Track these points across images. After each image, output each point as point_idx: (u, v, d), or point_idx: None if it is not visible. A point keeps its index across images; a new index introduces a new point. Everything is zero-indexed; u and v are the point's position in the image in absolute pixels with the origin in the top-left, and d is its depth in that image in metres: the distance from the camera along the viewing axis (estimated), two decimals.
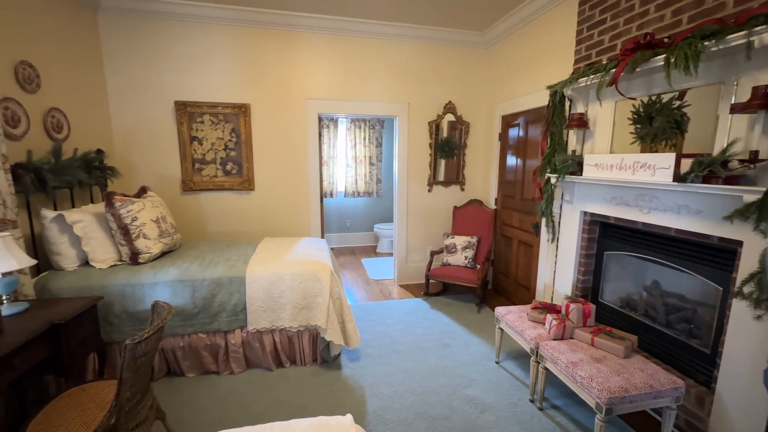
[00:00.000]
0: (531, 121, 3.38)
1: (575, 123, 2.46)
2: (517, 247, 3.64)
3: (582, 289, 2.65)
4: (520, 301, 3.60)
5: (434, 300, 3.78)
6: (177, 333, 2.32)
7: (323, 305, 2.42)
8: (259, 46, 3.50)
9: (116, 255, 2.43)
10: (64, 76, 2.70)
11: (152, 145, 3.43)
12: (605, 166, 2.17)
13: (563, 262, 2.77)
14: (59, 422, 1.49)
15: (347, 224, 6.16)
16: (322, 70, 3.69)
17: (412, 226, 4.22)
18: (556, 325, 2.10)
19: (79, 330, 1.90)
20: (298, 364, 2.55)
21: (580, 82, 2.33)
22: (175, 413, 2.07)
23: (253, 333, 2.41)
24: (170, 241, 2.68)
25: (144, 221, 2.47)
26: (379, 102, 3.88)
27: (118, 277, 2.25)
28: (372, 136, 5.88)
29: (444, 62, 3.96)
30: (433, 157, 4.11)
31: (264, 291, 2.39)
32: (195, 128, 3.49)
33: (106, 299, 2.19)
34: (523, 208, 3.51)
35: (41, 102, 2.46)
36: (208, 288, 2.33)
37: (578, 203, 2.59)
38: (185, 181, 3.53)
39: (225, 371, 2.44)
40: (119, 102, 3.30)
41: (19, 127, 2.26)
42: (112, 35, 3.20)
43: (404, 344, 2.87)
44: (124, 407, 1.50)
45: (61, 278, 2.19)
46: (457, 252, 3.84)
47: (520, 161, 3.58)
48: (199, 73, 3.41)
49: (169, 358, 2.37)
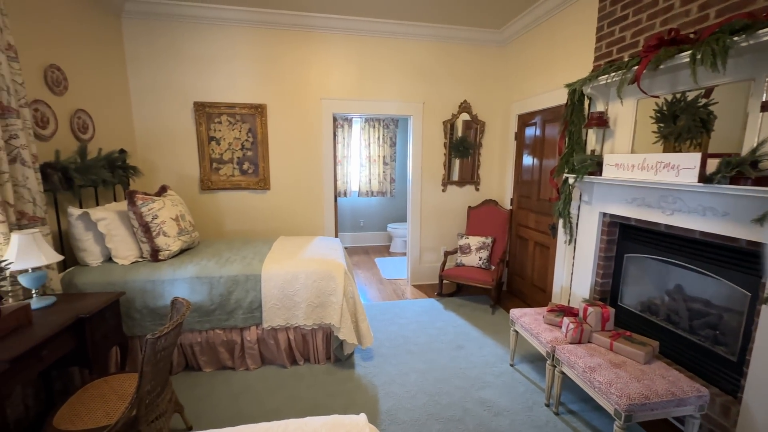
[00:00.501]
0: (548, 120, 3.32)
1: (595, 122, 2.40)
2: (533, 249, 3.58)
3: (600, 292, 2.59)
4: (536, 303, 3.54)
5: (448, 301, 3.75)
6: (195, 329, 2.37)
7: (337, 304, 2.44)
8: (276, 47, 3.55)
9: (138, 252, 2.51)
10: (89, 79, 2.80)
11: (172, 145, 3.52)
12: (626, 166, 2.11)
13: (581, 264, 2.71)
14: (84, 412, 1.55)
15: (361, 224, 6.18)
16: (337, 70, 3.71)
17: (425, 226, 4.20)
18: (573, 328, 2.05)
19: (102, 324, 1.97)
20: (312, 362, 2.58)
21: (600, 80, 2.27)
22: (193, 407, 2.12)
23: (268, 330, 2.45)
24: (189, 239, 2.74)
25: (164, 219, 2.54)
26: (394, 101, 3.88)
27: (139, 274, 2.31)
28: (386, 136, 5.88)
29: (459, 61, 3.93)
30: (447, 156, 4.08)
31: (279, 289, 2.42)
32: (213, 128, 3.56)
33: (128, 295, 2.26)
34: (540, 208, 3.45)
35: (68, 104, 2.56)
36: (225, 285, 2.37)
37: (597, 204, 2.52)
38: (203, 180, 3.61)
39: (241, 367, 2.49)
40: (141, 103, 3.40)
41: (48, 128, 2.35)
42: (135, 38, 3.29)
43: (417, 344, 2.86)
44: (144, 400, 1.54)
45: (86, 274, 2.27)
46: (471, 253, 3.81)
47: (536, 161, 3.51)
48: (217, 75, 3.48)
49: (187, 353, 2.43)
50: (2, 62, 1.87)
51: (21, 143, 1.96)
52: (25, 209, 2.00)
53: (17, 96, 1.96)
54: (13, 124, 1.93)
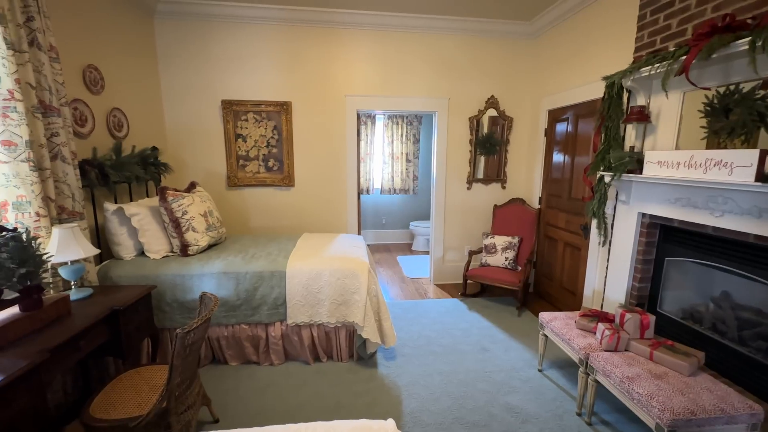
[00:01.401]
0: (581, 116, 3.17)
1: (635, 117, 2.26)
2: (563, 250, 3.44)
3: (637, 297, 2.45)
4: (565, 306, 3.41)
5: (472, 301, 3.67)
6: (221, 323, 2.41)
7: (360, 302, 2.42)
8: (301, 44, 3.56)
9: (168, 246, 2.57)
10: (124, 78, 2.89)
11: (201, 142, 3.60)
12: (670, 164, 1.97)
13: (616, 267, 2.57)
14: (117, 401, 1.60)
15: (383, 221, 6.16)
16: (361, 66, 3.68)
17: (449, 224, 4.12)
18: (609, 335, 1.95)
19: (135, 316, 2.03)
20: (335, 360, 2.57)
21: (642, 72, 2.13)
22: (219, 400, 2.16)
23: (293, 327, 2.46)
24: (216, 235, 2.80)
25: (193, 215, 2.59)
26: (418, 98, 3.81)
27: (169, 268, 2.37)
28: (409, 133, 5.81)
29: (486, 55, 3.81)
30: (472, 153, 3.98)
31: (303, 286, 2.42)
32: (240, 126, 3.62)
33: (159, 288, 2.33)
34: (571, 208, 3.31)
35: (104, 102, 2.65)
36: (251, 281, 2.40)
37: (636, 204, 2.38)
38: (230, 176, 3.68)
39: (265, 362, 2.52)
40: (172, 102, 3.49)
41: (86, 126, 2.44)
42: (166, 38, 3.38)
43: (441, 345, 2.81)
44: (174, 392, 1.57)
45: (120, 267, 2.36)
46: (497, 252, 3.70)
47: (567, 158, 3.36)
48: (244, 73, 3.53)
49: (214, 347, 2.48)
50: (45, 63, 1.95)
51: (61, 141, 2.04)
52: (65, 204, 2.09)
53: (58, 95, 2.04)
54: (55, 123, 2.01)
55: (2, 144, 1.74)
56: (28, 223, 1.84)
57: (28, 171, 1.82)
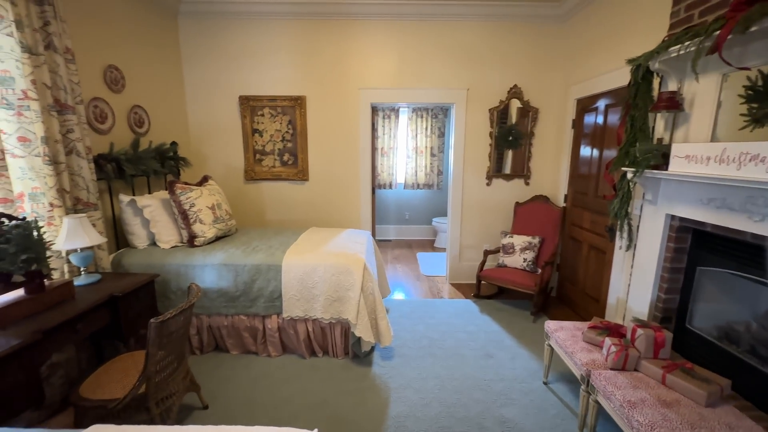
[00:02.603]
0: (613, 105, 2.85)
1: (664, 104, 1.97)
2: (587, 252, 3.15)
3: (663, 309, 2.16)
4: (587, 314, 3.12)
5: (485, 303, 3.48)
6: (222, 312, 2.49)
7: (354, 300, 2.38)
8: (315, 37, 3.54)
9: (178, 237, 2.70)
10: (146, 77, 3.06)
11: (220, 137, 3.74)
12: (699, 159, 1.69)
13: (640, 274, 2.29)
14: (106, 382, 1.69)
15: (406, 216, 6.06)
16: (375, 58, 3.59)
17: (467, 221, 3.94)
18: (615, 351, 1.73)
19: (136, 303, 2.14)
20: (330, 355, 2.56)
21: (670, 52, 1.84)
22: (213, 387, 2.23)
23: (288, 320, 2.48)
24: (224, 227, 2.89)
25: (200, 208, 2.69)
26: (435, 89, 3.65)
27: (175, 258, 2.49)
28: (434, 126, 5.63)
29: (509, 42, 3.55)
30: (493, 147, 3.76)
31: (298, 280, 2.43)
32: (256, 121, 3.70)
33: (165, 277, 2.45)
34: (597, 207, 3.00)
35: (125, 100, 2.82)
36: (249, 273, 2.45)
37: (663, 204, 2.09)
38: (247, 170, 3.78)
39: (263, 353, 2.57)
40: (194, 98, 3.65)
41: (106, 122, 2.62)
42: (189, 37, 3.53)
43: (442, 348, 2.69)
44: (153, 378, 1.64)
45: (133, 255, 2.51)
46: (515, 253, 3.48)
47: (596, 152, 3.05)
48: (260, 68, 3.59)
49: (216, 335, 2.58)
50: (60, 64, 2.10)
51: (76, 137, 2.19)
52: (80, 195, 2.25)
53: (73, 94, 2.19)
54: (70, 120, 2.16)
55: (18, 140, 1.90)
56: (42, 213, 2.01)
57: (41, 165, 1.97)
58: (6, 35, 1.82)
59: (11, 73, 1.85)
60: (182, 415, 1.99)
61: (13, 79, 1.86)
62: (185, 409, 2.04)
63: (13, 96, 1.86)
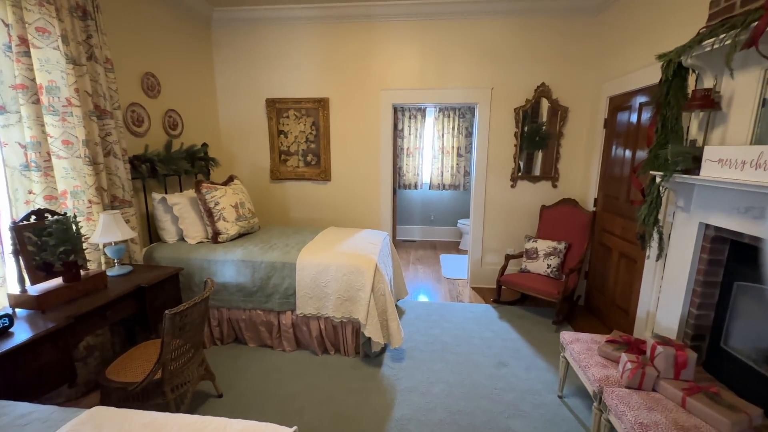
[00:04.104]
0: (648, 103, 2.65)
1: (698, 103, 1.81)
2: (618, 261, 2.95)
3: (694, 326, 1.98)
4: (616, 326, 2.93)
5: (505, 309, 3.38)
6: (240, 306, 2.62)
7: (364, 300, 2.40)
8: (338, 40, 3.60)
9: (204, 233, 2.86)
10: (180, 82, 3.27)
11: (248, 138, 3.91)
12: (733, 163, 1.54)
13: (670, 287, 2.11)
14: (130, 366, 1.84)
15: (431, 217, 6.00)
16: (397, 59, 3.59)
17: (490, 224, 3.83)
18: (631, 369, 1.62)
19: (161, 293, 2.31)
20: (342, 353, 2.61)
21: (704, 46, 1.68)
22: (229, 377, 2.35)
23: (301, 317, 2.55)
24: (247, 225, 3.02)
25: (224, 206, 2.84)
26: (458, 89, 3.59)
27: (199, 253, 2.64)
28: (461, 126, 5.53)
29: (537, 38, 3.40)
30: (518, 148, 3.62)
31: (311, 279, 2.49)
32: (282, 122, 3.84)
33: (189, 270, 2.61)
34: (629, 212, 2.81)
35: (161, 105, 3.03)
36: (265, 270, 2.55)
37: (697, 212, 1.92)
38: (273, 170, 3.93)
39: (278, 348, 2.66)
40: (225, 101, 3.84)
41: (142, 126, 2.83)
42: (221, 43, 3.72)
43: (455, 353, 2.65)
44: (168, 366, 1.75)
45: (163, 249, 2.70)
46: (538, 258, 3.34)
47: (629, 154, 2.85)
48: (285, 72, 3.71)
49: (235, 327, 2.71)
50: (101, 73, 2.30)
51: (113, 139, 2.39)
52: (116, 194, 2.46)
53: (112, 101, 2.39)
54: (108, 124, 2.37)
55: (62, 143, 2.11)
56: (82, 209, 2.21)
57: (82, 165, 2.17)
58: (53, 48, 2.02)
59: (57, 83, 2.05)
60: (198, 402, 2.12)
61: (58, 89, 2.06)
62: (201, 396, 2.17)
63: (58, 103, 2.07)
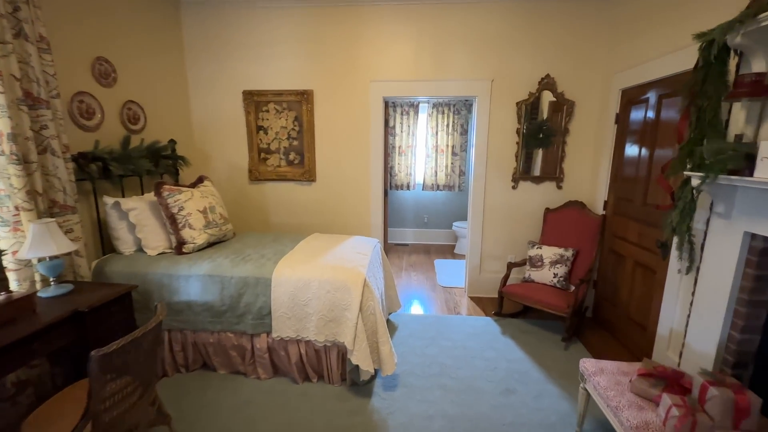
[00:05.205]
0: (667, 95, 2.37)
1: (746, 90, 1.52)
2: (632, 270, 2.67)
3: (737, 353, 1.70)
4: (631, 342, 2.65)
5: (508, 323, 3.07)
6: (207, 329, 2.25)
7: (351, 321, 2.06)
8: (322, 27, 3.25)
9: (167, 243, 2.49)
10: (143, 70, 2.87)
11: (224, 135, 3.53)
12: None
13: (705, 306, 1.83)
14: (56, 416, 1.47)
15: (425, 220, 5.69)
16: (389, 47, 3.26)
17: (489, 229, 3.53)
18: (678, 416, 1.31)
19: (108, 317, 1.93)
20: (325, 381, 2.27)
21: (760, 20, 1.39)
22: (191, 414, 1.99)
23: (278, 341, 2.20)
24: (218, 232, 2.66)
25: (190, 211, 2.47)
26: (455, 81, 3.27)
27: (159, 266, 2.27)
28: (456, 123, 5.22)
29: (542, 25, 3.11)
30: (520, 145, 3.33)
31: (289, 296, 2.14)
32: (261, 117, 3.47)
33: (147, 287, 2.24)
34: (646, 217, 2.53)
35: (118, 95, 2.64)
36: (236, 287, 2.19)
37: (740, 219, 1.63)
38: (251, 170, 3.56)
39: (252, 375, 2.31)
40: (198, 93, 3.46)
41: (93, 118, 2.44)
42: (193, 27, 3.33)
43: (456, 378, 2.33)
44: (101, 416, 1.39)
45: (117, 262, 2.32)
46: (543, 267, 3.04)
47: (645, 152, 2.57)
48: (265, 61, 3.35)
49: (202, 352, 2.34)
50: (32, 54, 1.91)
51: (51, 134, 2.00)
52: (56, 198, 2.07)
53: (48, 87, 2.00)
54: (43, 115, 1.97)
55: None
56: (6, 218, 1.83)
57: (6, 164, 1.79)
58: None
59: None
60: None
61: None
62: None
63: None
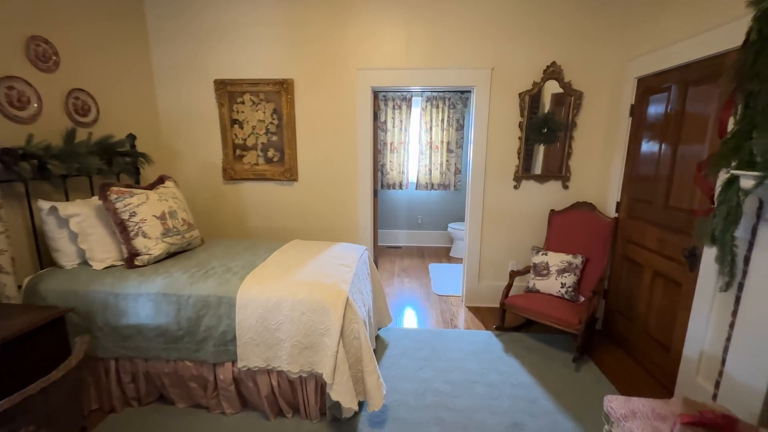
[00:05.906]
0: (693, 82, 2.07)
1: None
2: (651, 281, 2.38)
3: None
4: (651, 363, 2.36)
5: (510, 338, 2.77)
6: (161, 357, 1.91)
7: (330, 349, 1.73)
8: (304, 8, 2.90)
9: (117, 254, 2.14)
10: (93, 54, 2.50)
11: (195, 129, 3.17)
12: None
13: (753, 330, 1.54)
14: None
15: (418, 221, 5.37)
16: (378, 32, 2.92)
17: (488, 232, 3.22)
18: None
19: (31, 351, 1.58)
20: (302, 417, 1.93)
21: None
22: None
23: (245, 371, 1.87)
24: (180, 241, 2.30)
25: (144, 217, 2.11)
26: (452, 69, 2.94)
27: (103, 284, 1.92)
28: (451, 117, 4.90)
29: (547, 7, 2.79)
30: (522, 141, 3.01)
31: (257, 319, 1.81)
32: (236, 110, 3.11)
33: (89, 308, 1.88)
34: (668, 221, 2.24)
35: (61, 82, 2.27)
36: (194, 307, 1.85)
37: None
38: (226, 169, 3.20)
39: (216, 409, 1.97)
40: (164, 82, 3.08)
41: (27, 109, 2.07)
42: (158, 10, 2.96)
43: (454, 410, 2.02)
44: None
45: (53, 278, 1.95)
46: (550, 275, 2.74)
47: (666, 148, 2.28)
48: (239, 46, 2.99)
49: (156, 383, 1.99)
50: None
51: None
52: None
53: None
54: None
55: None
56: None
57: None
58: None
59: None
60: None
61: None
62: None
63: None
